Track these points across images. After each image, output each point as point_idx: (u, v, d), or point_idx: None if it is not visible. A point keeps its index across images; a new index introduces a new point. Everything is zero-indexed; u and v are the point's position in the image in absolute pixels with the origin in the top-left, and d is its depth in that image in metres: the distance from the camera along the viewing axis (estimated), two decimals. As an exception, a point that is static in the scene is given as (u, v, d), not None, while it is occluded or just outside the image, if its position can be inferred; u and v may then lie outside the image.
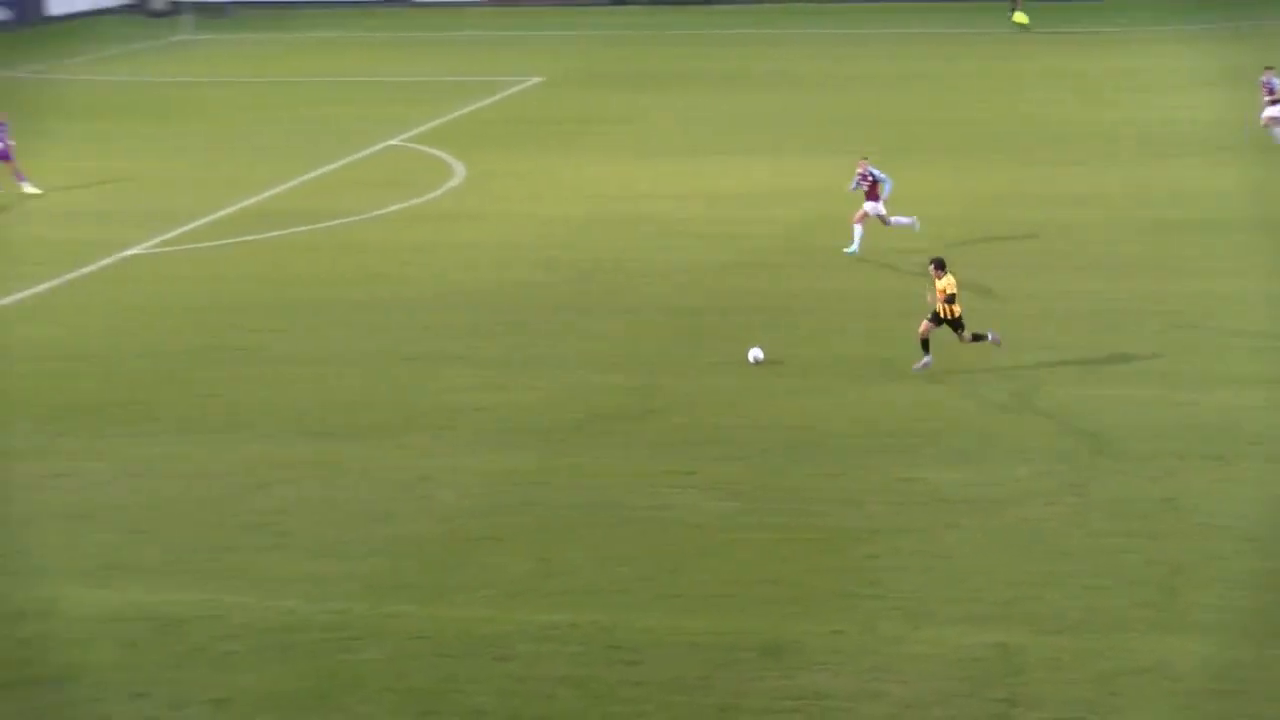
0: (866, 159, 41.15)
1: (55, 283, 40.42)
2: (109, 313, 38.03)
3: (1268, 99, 52.42)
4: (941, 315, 32.18)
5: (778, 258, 41.22)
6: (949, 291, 32.02)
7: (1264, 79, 52.79)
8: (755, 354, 33.12)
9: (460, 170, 51.87)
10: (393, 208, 47.17)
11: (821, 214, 44.71)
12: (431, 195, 48.71)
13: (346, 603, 23.56)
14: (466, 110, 63.01)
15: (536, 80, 69.94)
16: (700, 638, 22.38)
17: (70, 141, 59.03)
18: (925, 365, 32.39)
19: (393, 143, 56.91)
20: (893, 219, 41.09)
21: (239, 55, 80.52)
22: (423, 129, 58.84)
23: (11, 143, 50.35)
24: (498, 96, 66.28)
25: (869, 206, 40.72)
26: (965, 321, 32.39)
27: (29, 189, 50.08)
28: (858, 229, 40.81)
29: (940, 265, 32.15)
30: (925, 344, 32.36)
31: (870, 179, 40.42)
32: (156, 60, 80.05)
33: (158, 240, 44.34)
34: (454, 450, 29.36)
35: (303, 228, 44.97)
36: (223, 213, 47.22)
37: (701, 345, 34.41)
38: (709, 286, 38.90)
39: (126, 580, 24.51)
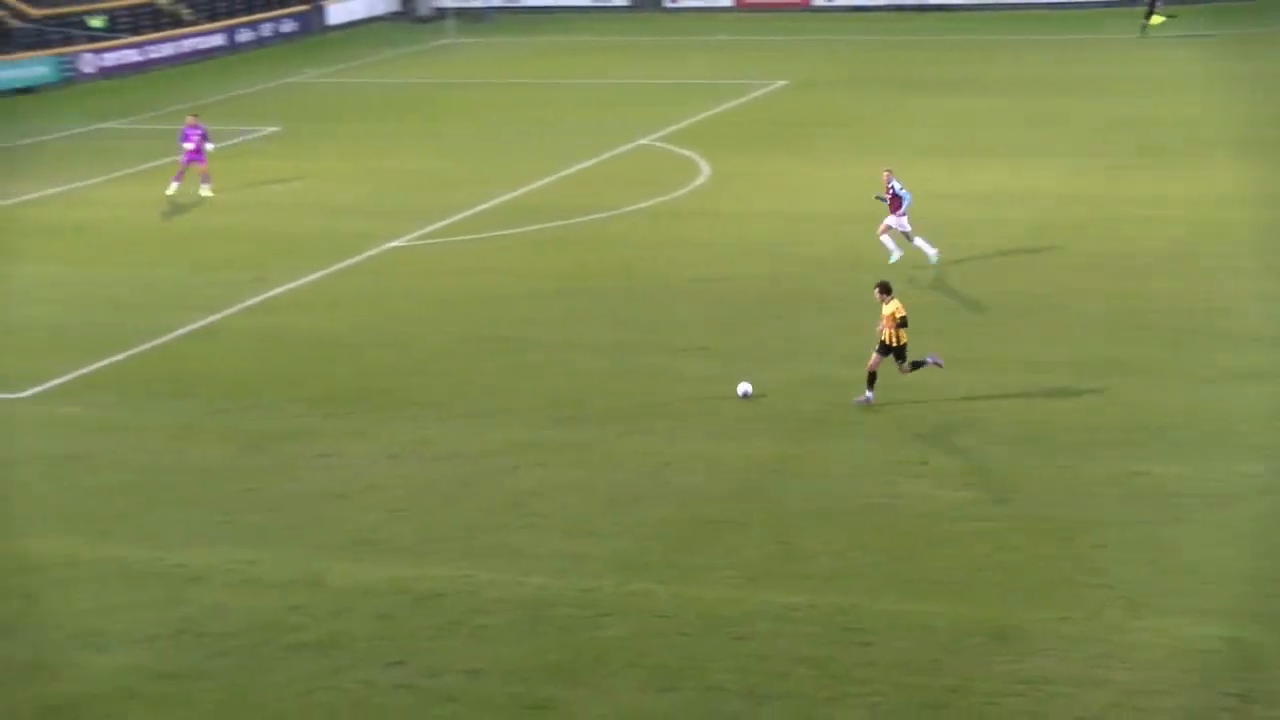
0: (890, 171, 40.12)
1: (324, 273, 41.30)
2: (372, 302, 38.78)
3: None
4: (889, 343, 30.11)
5: (1010, 258, 40.74)
6: (898, 316, 29.98)
7: None
8: (743, 388, 31.27)
9: (706, 169, 52.02)
10: (641, 204, 47.46)
11: (1054, 216, 44.20)
12: (679, 193, 48.90)
13: (594, 581, 23.83)
14: (714, 112, 63.12)
15: (782, 84, 69.86)
16: (932, 621, 22.30)
17: (342, 140, 60.29)
18: (866, 401, 30.35)
19: (643, 142, 57.23)
20: (917, 240, 39.84)
21: (498, 58, 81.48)
22: (672, 129, 59.07)
23: (209, 146, 51.35)
24: (744, 99, 66.31)
25: (891, 220, 39.57)
26: (908, 351, 30.33)
27: (206, 191, 51.18)
28: (886, 240, 39.92)
29: (886, 290, 30.20)
30: (871, 378, 30.35)
31: (891, 192, 39.33)
32: (421, 63, 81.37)
33: (419, 234, 45.11)
34: (696, 437, 29.50)
35: (556, 223, 45.45)
36: (481, 208, 47.88)
37: (932, 340, 34.15)
38: (941, 284, 38.60)
39: (385, 556, 25.03)
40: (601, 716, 20.32)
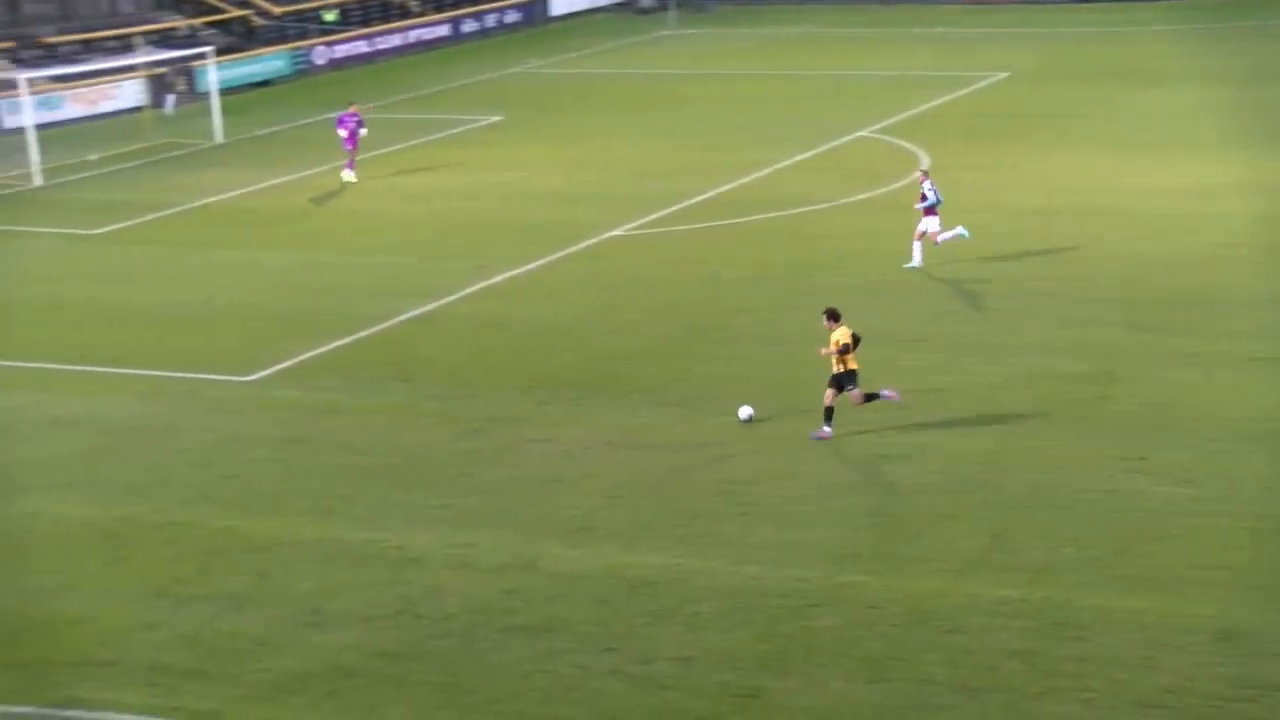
0: (925, 173, 40.00)
1: (544, 261, 41.65)
2: (591, 290, 39.03)
3: None
4: (836, 371, 28.84)
5: (1229, 252, 39.86)
6: (842, 343, 28.75)
7: None
8: (745, 412, 30.08)
9: (925, 161, 51.52)
10: (859, 196, 47.20)
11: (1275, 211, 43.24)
12: (896, 185, 48.53)
13: (806, 570, 23.76)
14: (935, 104, 62.52)
15: (1002, 75, 68.97)
16: (1148, 619, 21.92)
17: (563, 130, 60.72)
18: (823, 436, 28.83)
19: (862, 134, 56.88)
20: (941, 236, 39.46)
21: (718, 50, 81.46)
22: (891, 121, 58.64)
23: (363, 133, 52.61)
24: (965, 91, 65.57)
25: (929, 224, 39.22)
26: (859, 379, 29.04)
27: (348, 177, 52.40)
28: (946, 235, 39.48)
29: (833, 316, 29.10)
30: (829, 413, 28.90)
31: (924, 196, 39.05)
32: (642, 54, 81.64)
33: (638, 223, 45.29)
34: (910, 429, 29.27)
35: (773, 214, 45.38)
36: (699, 198, 47.94)
37: (1154, 335, 33.59)
38: (1163, 278, 37.91)
39: (600, 542, 25.17)
40: (810, 706, 20.25)
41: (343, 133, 52.77)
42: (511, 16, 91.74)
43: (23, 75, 58.60)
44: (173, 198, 51.35)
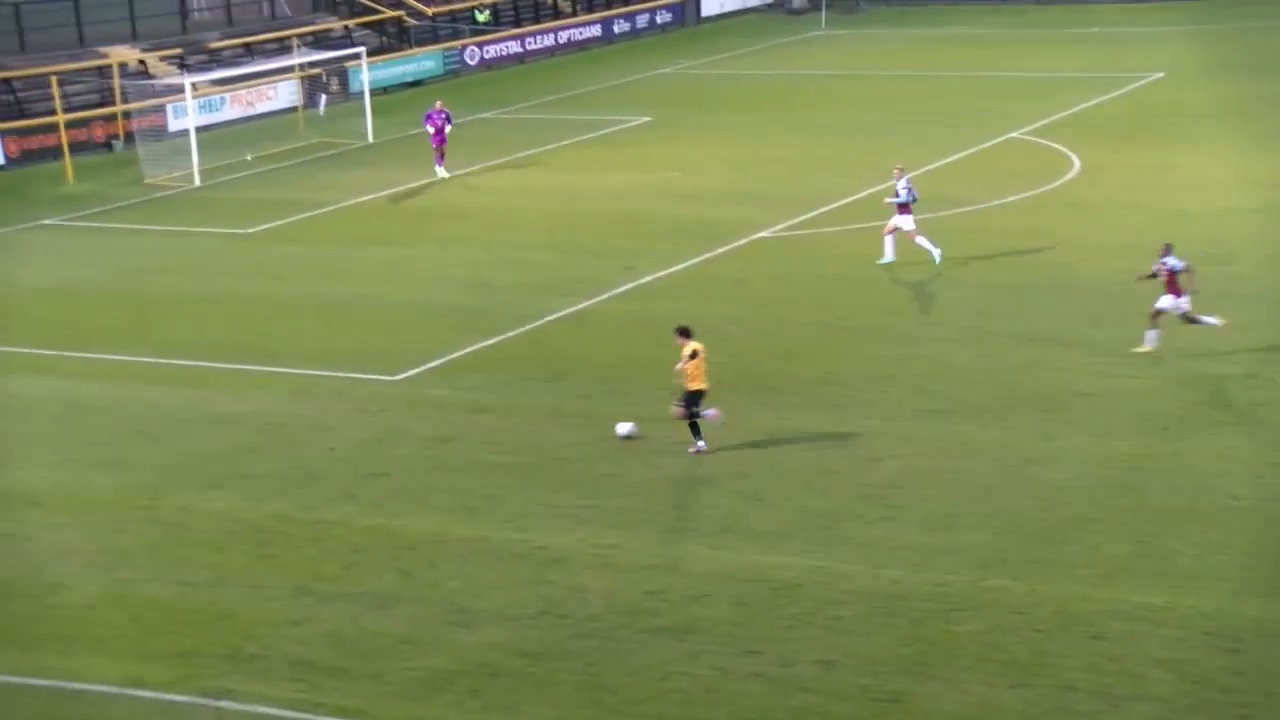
0: (902, 172, 40.11)
1: (693, 261, 41.64)
2: (739, 290, 38.96)
3: None
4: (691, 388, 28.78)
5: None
6: (685, 356, 28.79)
7: None
8: (624, 429, 29.85)
9: (1077, 163, 50.94)
10: (1011, 197, 46.71)
11: None
12: (1049, 186, 48.00)
13: (948, 574, 23.58)
14: (1088, 105, 61.70)
15: (1158, 75, 67.95)
16: (1309, 630, 21.53)
17: (712, 130, 60.63)
18: (700, 450, 28.84)
19: (1014, 135, 56.27)
20: (924, 239, 39.59)
21: (869, 50, 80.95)
22: (1044, 122, 57.94)
23: (448, 128, 53.94)
24: (1119, 91, 64.64)
25: (901, 221, 39.67)
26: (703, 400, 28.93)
27: (441, 173, 53.72)
28: (923, 242, 39.58)
29: (685, 333, 29.06)
30: (694, 428, 28.95)
31: (899, 193, 39.55)
32: (793, 55, 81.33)
33: (787, 224, 45.15)
34: (1059, 433, 28.96)
35: (924, 215, 44.93)
36: (848, 199, 47.68)
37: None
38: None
39: (743, 543, 25.12)
40: (952, 711, 20.09)
41: (430, 129, 54.18)
42: (663, 17, 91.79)
43: (188, 80, 59.60)
44: (324, 196, 51.93)
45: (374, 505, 27.28)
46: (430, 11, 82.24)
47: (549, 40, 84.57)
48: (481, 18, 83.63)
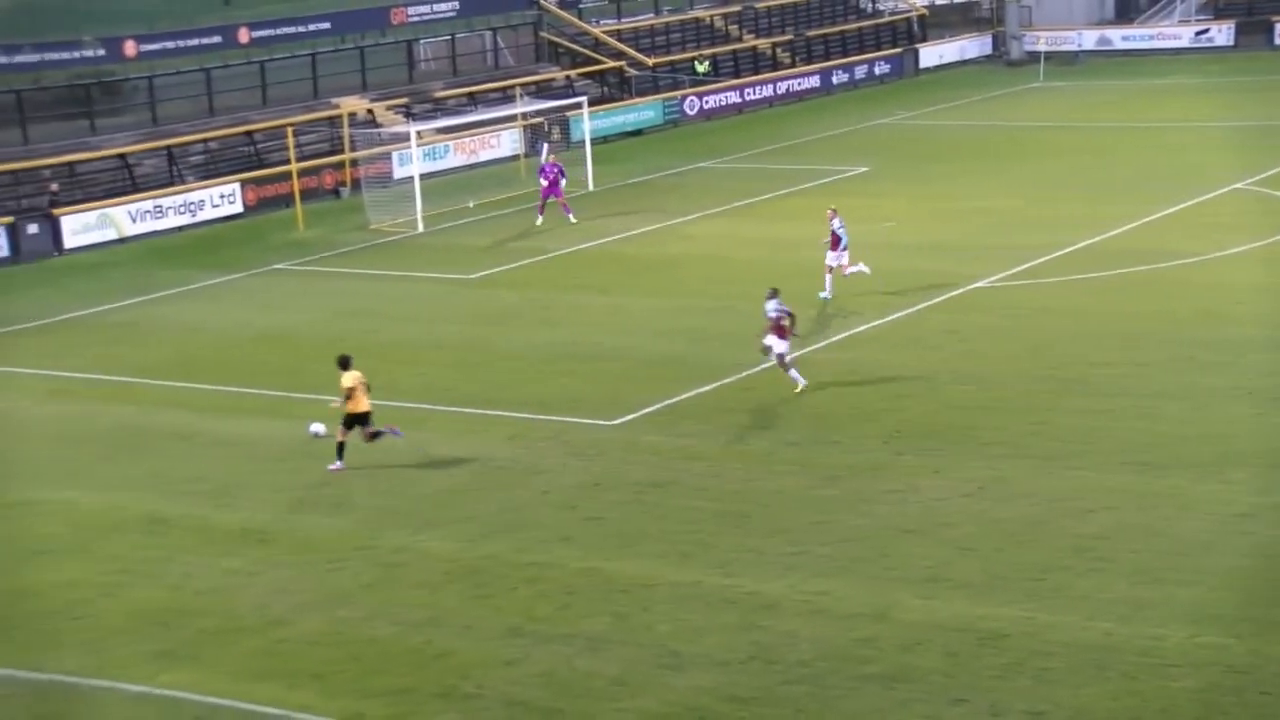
0: (834, 211, 42.64)
1: (907, 311, 41.46)
2: (952, 340, 38.70)
3: None
4: (353, 412, 31.27)
5: None
6: (347, 387, 31.08)
7: None
8: (314, 428, 31.97)
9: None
10: (1232, 250, 45.78)
11: None
12: (1273, 239, 46.97)
13: (1162, 629, 23.15)
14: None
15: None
16: None
17: (929, 180, 60.32)
18: (337, 469, 31.68)
19: (1237, 186, 55.17)
20: (848, 269, 42.52)
21: (1088, 101, 79.91)
22: (1270, 173, 56.69)
23: (563, 182, 55.30)
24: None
25: (831, 257, 42.47)
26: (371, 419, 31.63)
27: (572, 219, 55.10)
28: (845, 274, 42.61)
29: (343, 364, 31.50)
30: (340, 448, 31.76)
31: (832, 231, 42.28)
32: (1010, 106, 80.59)
33: (1002, 275, 44.74)
34: (1278, 489, 28.28)
35: (1140, 267, 44.37)
36: (1064, 250, 47.13)
37: None
38: None
39: (952, 593, 24.90)
40: (1167, 769, 19.73)
41: (544, 182, 55.54)
42: (881, 68, 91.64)
43: (413, 128, 60.80)
44: (544, 244, 52.55)
45: (588, 548, 27.49)
46: (651, 62, 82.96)
47: (767, 91, 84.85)
48: (701, 69, 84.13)
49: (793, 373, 35.17)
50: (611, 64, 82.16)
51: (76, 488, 32.15)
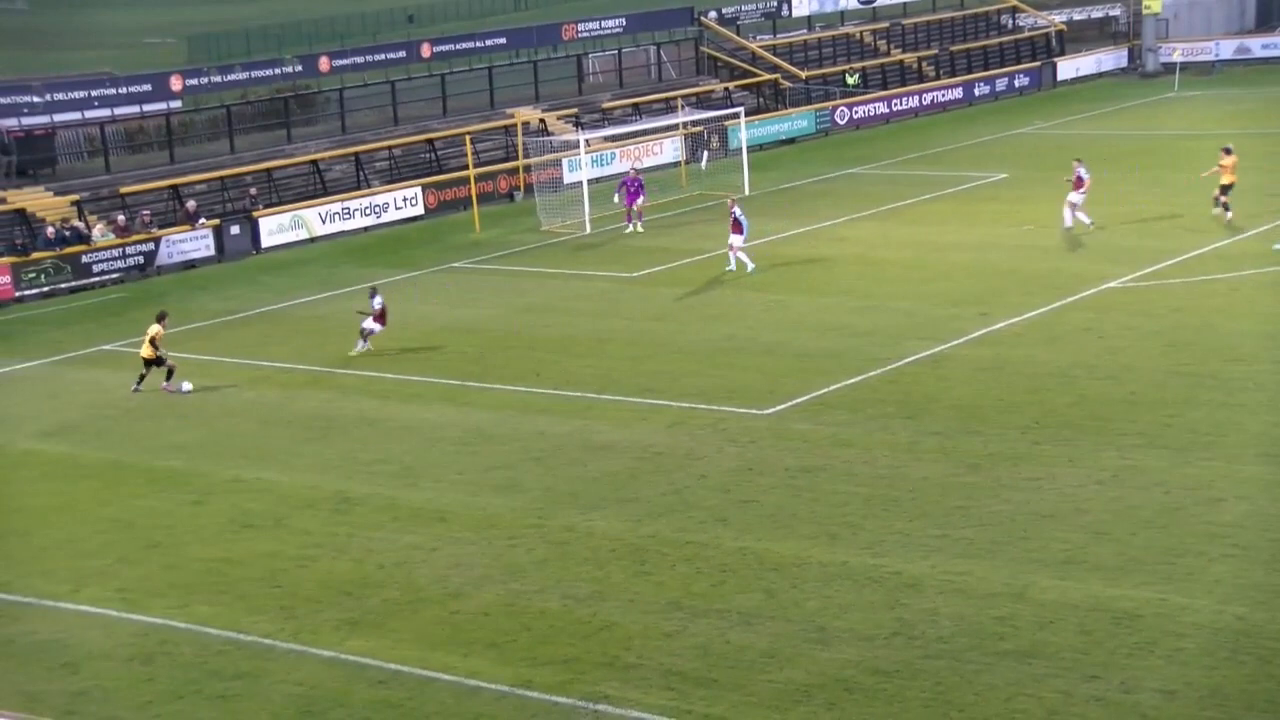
0: (734, 201, 47.33)
1: (1044, 310, 40.91)
2: (1088, 338, 38.11)
3: None
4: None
5: None
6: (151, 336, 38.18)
7: None
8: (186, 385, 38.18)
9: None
10: (1362, 252, 44.72)
11: None
12: None
13: (1297, 615, 22.62)
14: None
15: None
16: None
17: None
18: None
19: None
20: (744, 255, 47.00)
21: (1221, 110, 78.11)
22: None
23: (642, 200, 55.87)
24: None
25: (734, 239, 46.85)
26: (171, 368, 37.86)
27: (633, 228, 55.67)
28: (741, 256, 47.07)
29: (159, 317, 38.57)
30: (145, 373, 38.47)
31: (734, 218, 46.41)
32: (1145, 115, 79.24)
33: (1136, 275, 44.02)
34: None
35: (1266, 269, 43.41)
36: (1196, 252, 46.32)
37: None
38: None
39: (1087, 574, 24.53)
40: (1304, 750, 19.25)
41: (624, 191, 56.11)
42: (1020, 81, 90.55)
43: (582, 136, 61.13)
44: (704, 245, 52.46)
45: (742, 529, 27.41)
46: (804, 75, 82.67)
47: (913, 102, 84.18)
48: (851, 81, 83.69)
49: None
50: (767, 76, 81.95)
51: (275, 469, 32.62)
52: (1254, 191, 54.77)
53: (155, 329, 38.29)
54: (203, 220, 56.97)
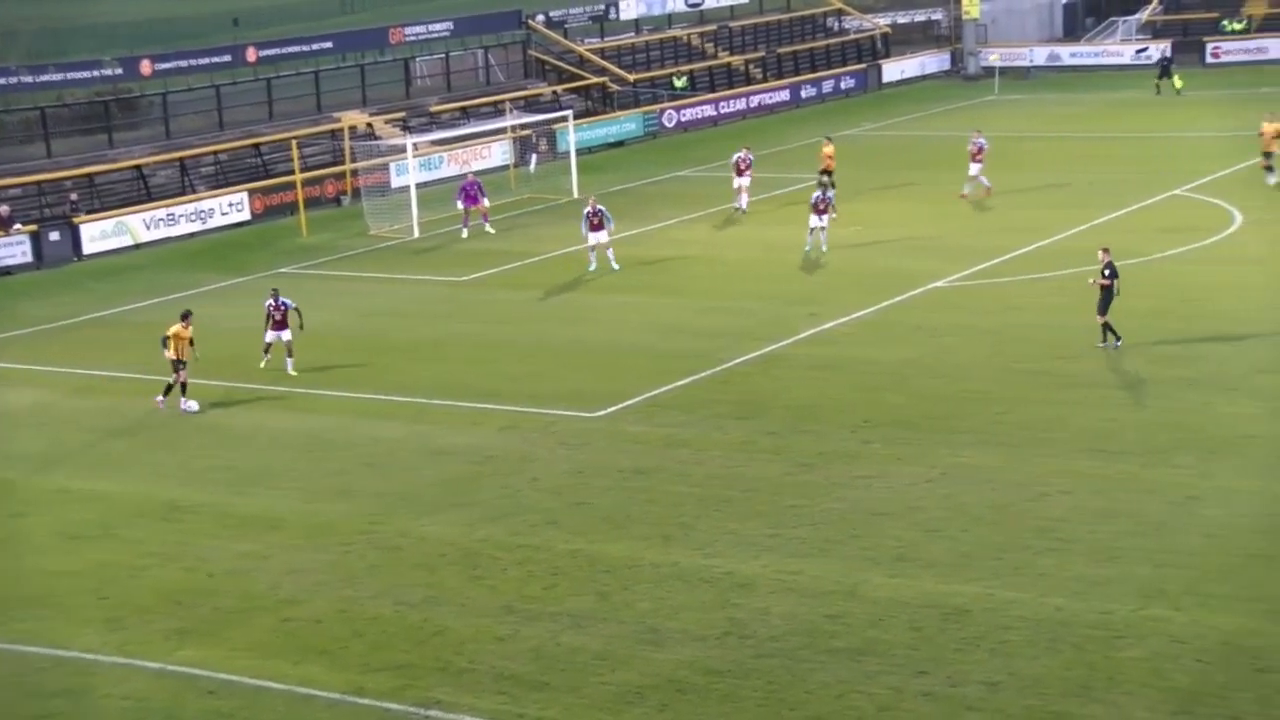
0: (594, 198, 47.28)
1: (874, 309, 41.42)
2: (918, 336, 38.65)
3: None
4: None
5: None
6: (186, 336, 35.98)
7: None
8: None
9: (1239, 217, 49.93)
10: (1171, 251, 45.77)
11: None
12: (1209, 240, 47.01)
13: (1112, 604, 23.17)
14: (1251, 162, 60.27)
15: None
16: None
17: (890, 188, 60.25)
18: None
19: (1176, 193, 55.09)
20: (609, 251, 47.48)
21: (1040, 113, 79.72)
22: (1205, 180, 56.68)
23: (484, 202, 55.61)
24: (1282, 149, 63.09)
25: (593, 237, 46.91)
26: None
27: (489, 229, 55.53)
28: (608, 254, 47.16)
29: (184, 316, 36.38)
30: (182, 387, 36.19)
31: (598, 215, 46.59)
32: (968, 118, 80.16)
33: (961, 275, 44.72)
34: (1224, 473, 28.35)
35: (1087, 268, 44.16)
36: (1017, 252, 47.15)
37: None
38: None
39: (919, 571, 24.88)
40: (1116, 734, 19.69)
41: (459, 202, 55.88)
42: (847, 83, 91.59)
43: (409, 140, 60.77)
44: (533, 248, 52.46)
45: (575, 531, 27.42)
46: (632, 78, 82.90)
47: (741, 105, 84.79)
48: (679, 84, 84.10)
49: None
50: (595, 80, 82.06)
51: (105, 478, 32.04)
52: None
53: (175, 328, 35.97)
54: (18, 226, 55.71)
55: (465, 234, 55.41)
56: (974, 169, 55.66)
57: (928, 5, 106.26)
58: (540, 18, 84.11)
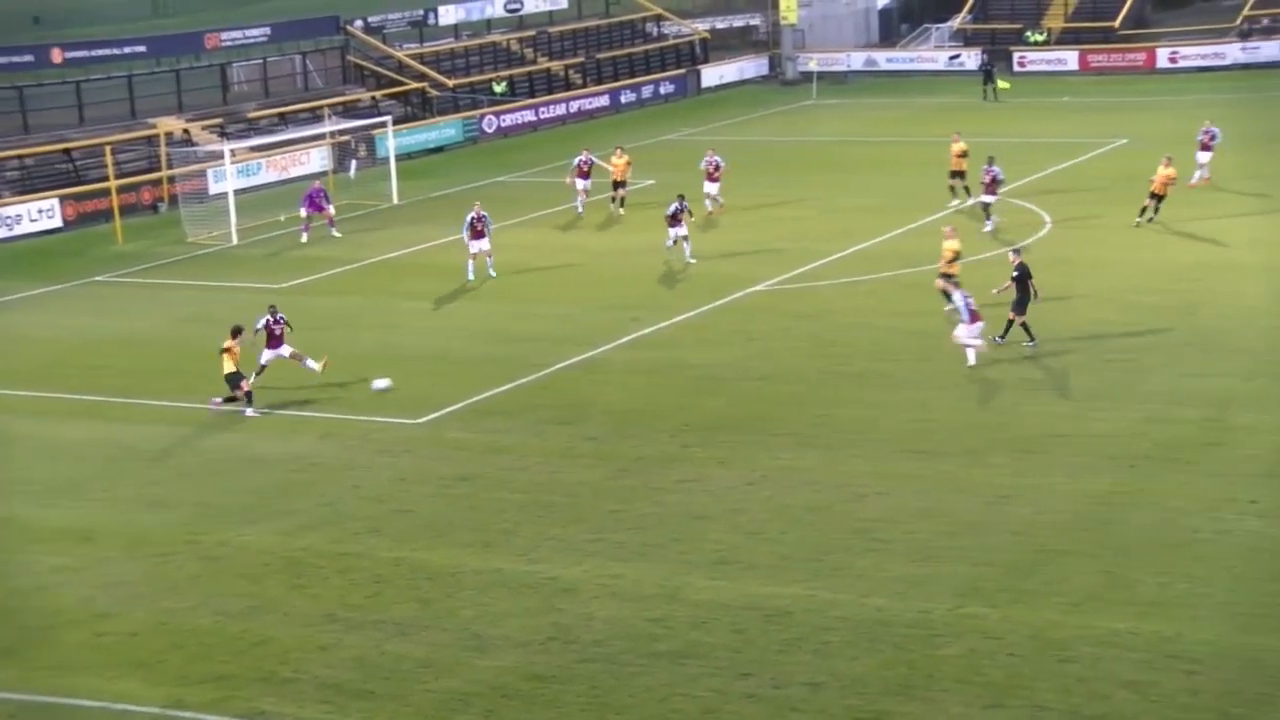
0: (478, 203, 47.22)
1: (695, 313, 41.74)
2: (738, 340, 39.01)
3: None
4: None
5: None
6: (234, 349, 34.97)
7: None
8: (379, 384, 35.76)
9: (1049, 222, 51.05)
10: (985, 255, 46.57)
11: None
12: (1023, 243, 47.90)
13: (930, 603, 23.62)
14: (1057, 168, 61.73)
15: (1121, 142, 67.97)
16: (1262, 654, 21.52)
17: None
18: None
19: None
20: (489, 259, 47.20)
21: (859, 117, 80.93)
22: (1017, 185, 57.79)
23: (331, 210, 55.59)
24: (1085, 156, 64.71)
25: (474, 245, 46.67)
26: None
27: (336, 233, 55.34)
28: (471, 264, 46.96)
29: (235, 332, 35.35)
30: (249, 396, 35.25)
31: (481, 221, 46.75)
32: (786, 122, 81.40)
33: (781, 278, 45.22)
34: (1034, 471, 29.01)
35: (906, 270, 45.09)
36: (837, 256, 47.80)
37: (1269, 383, 33.06)
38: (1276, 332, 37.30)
39: (741, 574, 25.14)
40: (934, 730, 20.07)
41: (303, 209, 55.33)
42: (666, 88, 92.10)
43: (227, 147, 59.99)
44: (354, 254, 52.09)
45: (397, 539, 27.31)
46: (451, 83, 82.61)
47: (560, 110, 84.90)
48: (499, 89, 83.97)
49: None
50: (414, 85, 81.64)
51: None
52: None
53: (228, 343, 35.10)
54: None
55: (305, 239, 54.78)
56: (711, 188, 55.70)
57: (746, 11, 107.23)
58: (358, 23, 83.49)
